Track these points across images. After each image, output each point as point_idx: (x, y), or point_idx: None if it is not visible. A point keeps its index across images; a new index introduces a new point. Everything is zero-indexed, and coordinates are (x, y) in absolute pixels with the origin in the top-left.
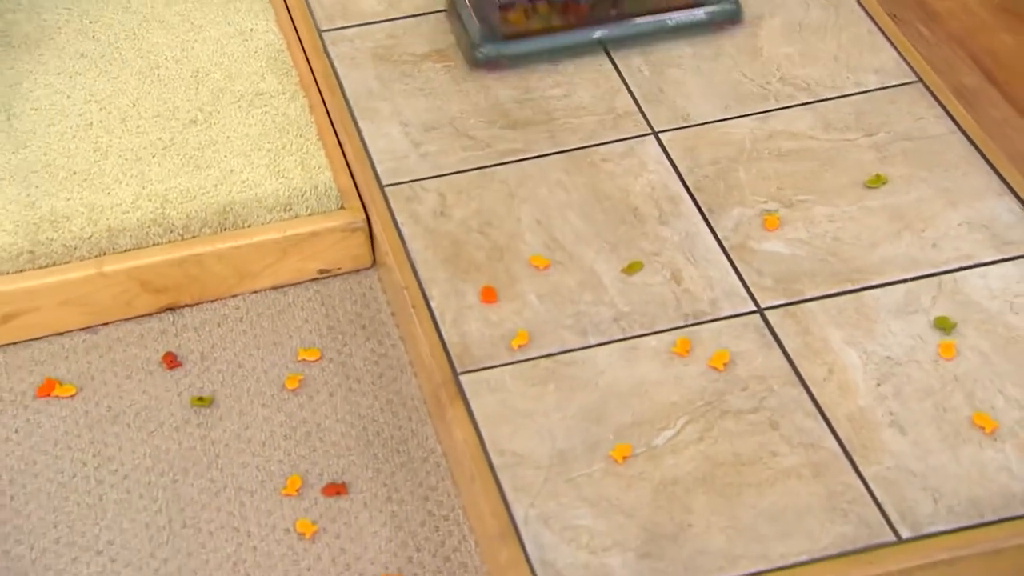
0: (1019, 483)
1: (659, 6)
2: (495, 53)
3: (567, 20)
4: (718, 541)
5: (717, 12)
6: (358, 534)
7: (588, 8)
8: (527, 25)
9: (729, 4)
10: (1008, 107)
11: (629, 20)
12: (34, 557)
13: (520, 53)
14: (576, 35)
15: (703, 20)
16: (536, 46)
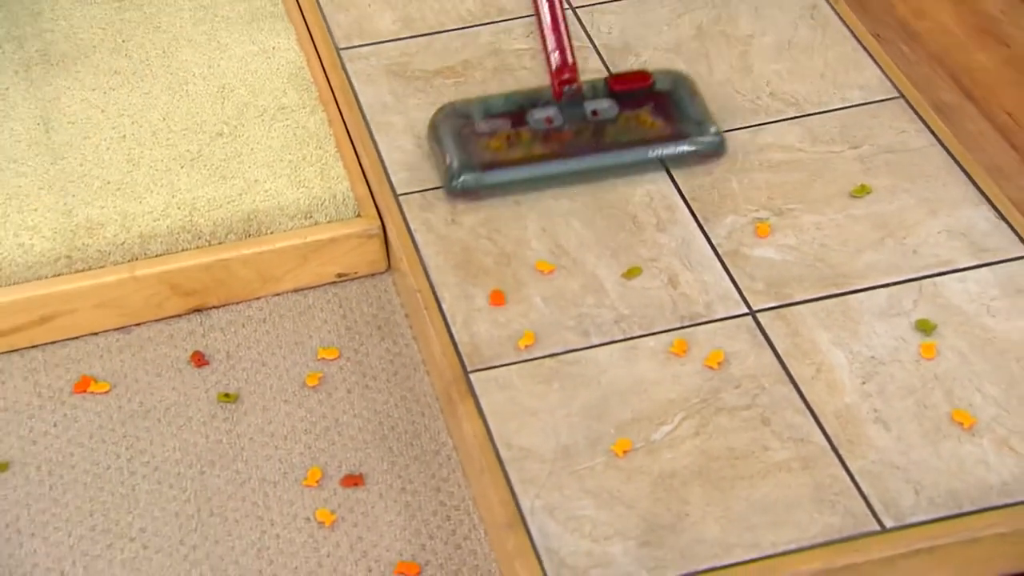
0: (995, 476)
1: (643, 136)
2: (473, 183)
3: (549, 148)
4: (713, 530)
5: (702, 146)
6: (374, 523)
7: (571, 135)
8: (508, 153)
9: (713, 137)
10: (984, 122)
11: (611, 152)
12: (72, 543)
13: (497, 183)
14: (555, 166)
15: (687, 153)
16: (513, 176)
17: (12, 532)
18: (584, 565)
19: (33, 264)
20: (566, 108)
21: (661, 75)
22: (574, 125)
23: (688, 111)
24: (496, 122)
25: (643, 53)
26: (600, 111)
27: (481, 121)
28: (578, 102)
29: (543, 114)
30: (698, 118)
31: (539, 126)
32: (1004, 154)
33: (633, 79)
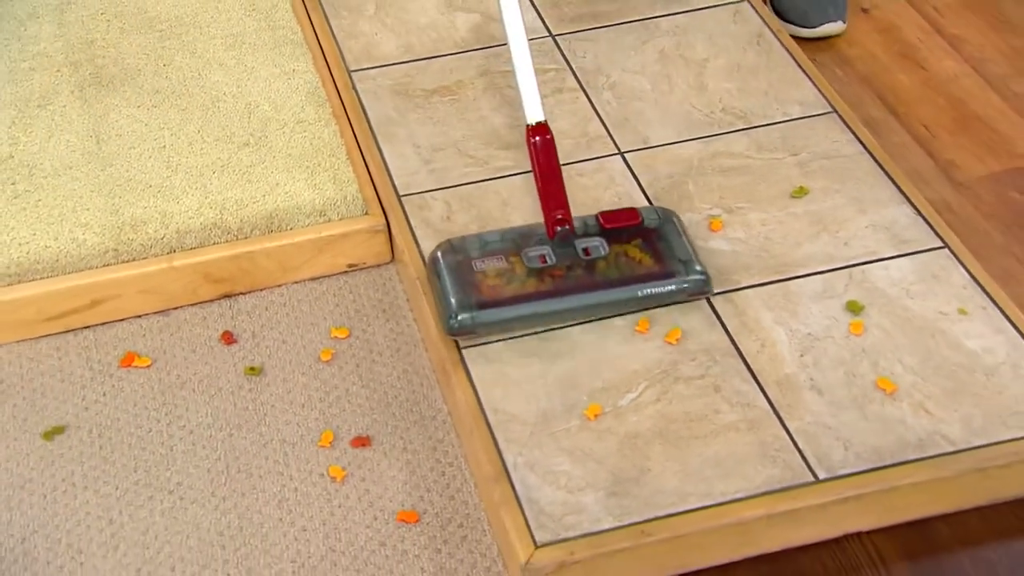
0: (912, 434)
1: (632, 275)
2: (470, 322)
3: (543, 286)
4: (671, 482)
5: (689, 285)
6: (379, 478)
7: (564, 273)
8: (504, 291)
9: (699, 276)
10: (905, 134)
11: (601, 290)
12: (118, 495)
13: (492, 322)
14: (548, 304)
15: (674, 291)
16: (508, 315)
17: (68, 486)
18: (560, 512)
19: (85, 256)
20: (559, 247)
21: (649, 212)
22: (566, 263)
23: (674, 249)
24: (491, 260)
25: (612, 74)
26: (591, 249)
27: (478, 259)
28: (570, 242)
29: (538, 252)
30: (684, 257)
31: (533, 263)
32: (922, 161)
33: (622, 217)
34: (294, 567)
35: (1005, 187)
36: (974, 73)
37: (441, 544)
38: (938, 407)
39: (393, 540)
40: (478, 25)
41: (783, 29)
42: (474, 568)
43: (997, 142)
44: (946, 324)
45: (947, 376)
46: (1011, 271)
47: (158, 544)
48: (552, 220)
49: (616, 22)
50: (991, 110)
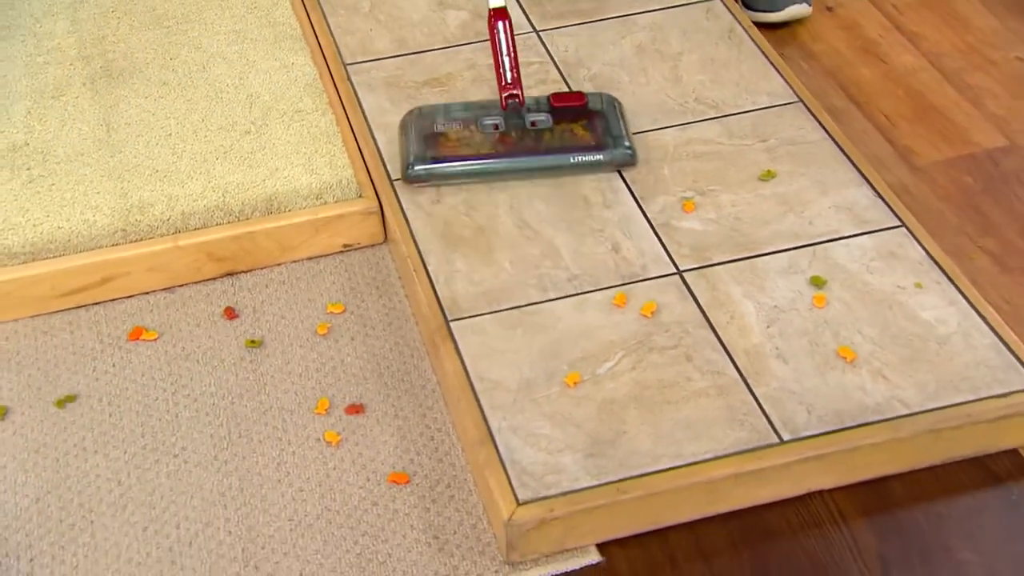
0: (871, 398)
1: (568, 144)
2: (424, 172)
3: (492, 148)
4: (645, 444)
5: (614, 157)
6: (372, 442)
7: (512, 140)
8: (458, 150)
9: (625, 151)
10: (867, 122)
11: (540, 155)
12: (127, 459)
13: (443, 174)
14: (494, 163)
15: (600, 161)
16: (455, 169)
17: (79, 450)
18: (541, 472)
19: (96, 236)
20: (510, 117)
21: (594, 96)
22: (515, 131)
23: (611, 128)
24: (452, 124)
25: (593, 67)
26: (537, 122)
27: (440, 123)
28: (519, 113)
29: (491, 121)
30: (617, 133)
31: (487, 130)
32: (882, 147)
33: (570, 98)
34: (291, 525)
35: (959, 172)
36: (931, 67)
37: (430, 503)
38: (895, 373)
39: (385, 500)
40: (466, 22)
41: (752, 26)
42: (460, 525)
43: (952, 130)
44: (903, 297)
45: (903, 345)
46: (963, 248)
47: (164, 504)
48: (506, 94)
49: (596, 19)
50: (946, 101)
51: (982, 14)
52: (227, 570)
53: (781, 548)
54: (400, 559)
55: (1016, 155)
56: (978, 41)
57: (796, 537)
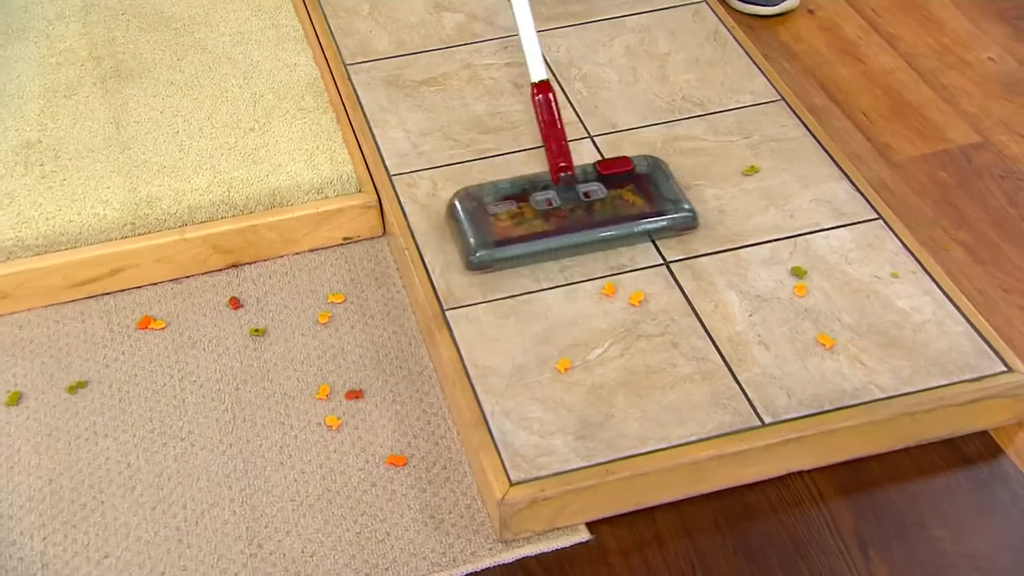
0: (848, 383)
1: (629, 214)
2: (488, 258)
3: (550, 225)
4: (633, 427)
5: (679, 221)
6: (371, 426)
7: (568, 214)
8: (514, 230)
9: (688, 213)
10: (846, 120)
11: (603, 227)
12: (136, 442)
13: (508, 257)
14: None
15: (664, 227)
16: (520, 251)
17: (90, 434)
18: (532, 454)
19: (106, 229)
20: (562, 191)
21: (639, 160)
22: (569, 205)
23: (663, 191)
24: (503, 205)
25: (584, 67)
26: (591, 192)
27: (491, 204)
28: (572, 186)
29: (544, 196)
30: (673, 197)
31: (540, 206)
32: (860, 144)
33: (617, 164)
34: (293, 505)
35: (934, 167)
36: (907, 67)
37: (426, 484)
38: (871, 359)
39: (383, 481)
40: (462, 24)
41: (736, 27)
42: (456, 505)
43: (927, 128)
44: (880, 286)
45: (880, 332)
46: (938, 240)
47: (171, 485)
48: (556, 167)
49: (587, 20)
50: (922, 99)
51: (956, 16)
52: (232, 548)
53: (762, 526)
54: (398, 538)
55: (989, 151)
56: (952, 42)
57: (777, 515)
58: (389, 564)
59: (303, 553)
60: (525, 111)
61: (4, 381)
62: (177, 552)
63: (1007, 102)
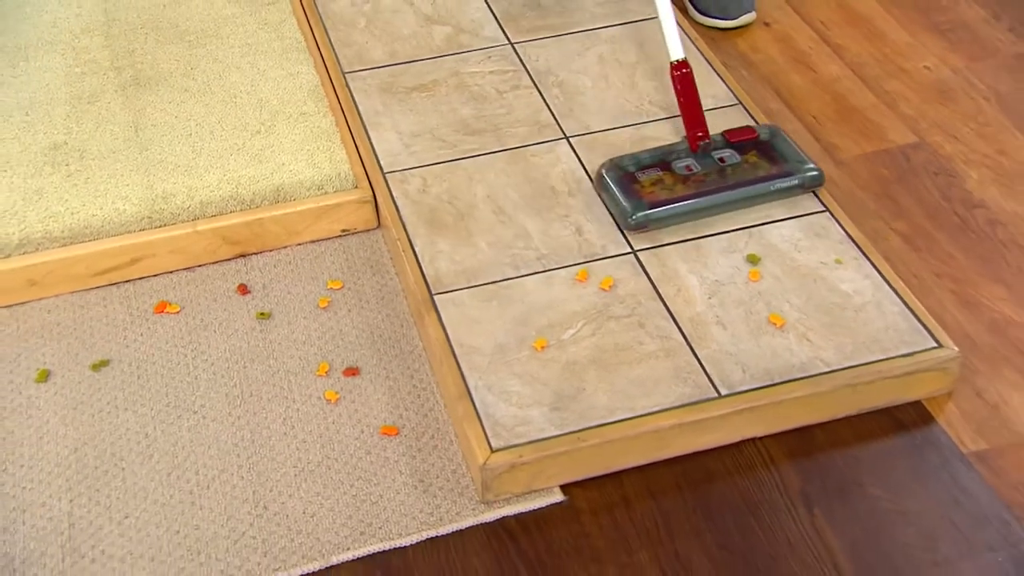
0: (796, 358)
1: (761, 175)
2: (644, 219)
3: (694, 188)
4: (602, 399)
5: (807, 179)
6: (366, 400)
7: (706, 178)
8: (658, 194)
9: (814, 172)
10: (797, 122)
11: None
12: (152, 415)
13: (662, 216)
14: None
15: (796, 185)
16: (673, 211)
17: (111, 408)
18: (512, 424)
19: (125, 222)
20: (701, 158)
21: (762, 128)
22: (708, 170)
23: (788, 154)
24: (648, 172)
25: (560, 74)
26: (725, 158)
27: (637, 172)
28: (708, 153)
29: (683, 163)
30: (799, 159)
31: (682, 172)
32: (810, 144)
33: (743, 133)
34: (296, 471)
35: (876, 165)
36: (853, 75)
37: (416, 452)
38: (817, 337)
39: (377, 449)
40: (450, 36)
41: (700, 39)
42: (443, 470)
43: (871, 129)
44: (825, 272)
45: (825, 312)
46: (879, 231)
47: (184, 454)
48: (694, 137)
49: (563, 32)
50: (866, 104)
51: (896, 30)
52: (240, 509)
53: (719, 488)
54: (390, 500)
55: (925, 150)
56: (893, 53)
57: (732, 478)
58: (382, 523)
59: (304, 514)
60: (507, 114)
61: (34, 360)
62: (190, 513)
63: (941, 106)
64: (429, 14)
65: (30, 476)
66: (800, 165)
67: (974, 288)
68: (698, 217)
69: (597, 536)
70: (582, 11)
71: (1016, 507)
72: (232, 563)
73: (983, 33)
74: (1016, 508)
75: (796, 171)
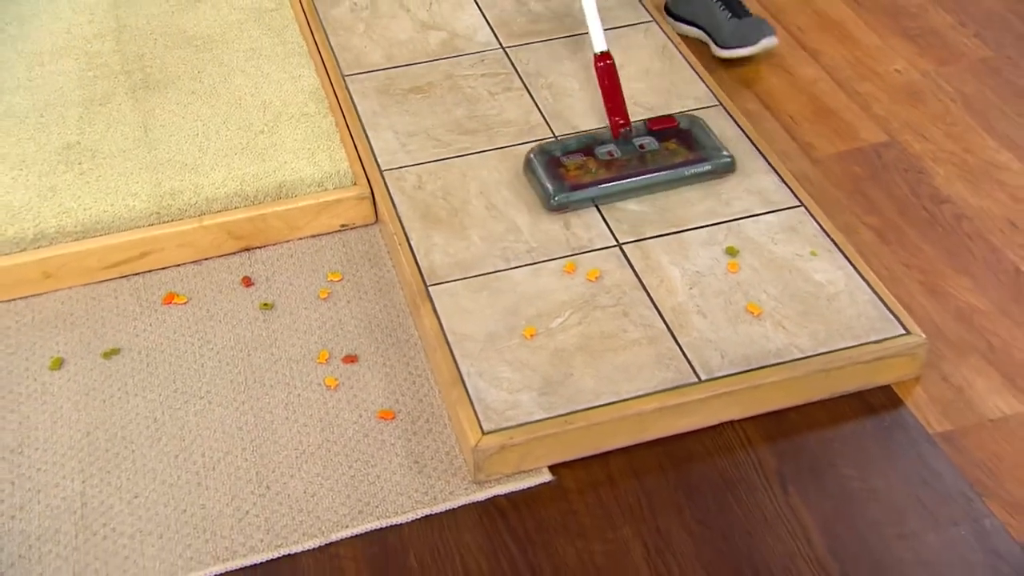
0: (772, 345)
1: (678, 161)
2: (565, 200)
3: (614, 172)
4: (589, 384)
5: (719, 165)
6: (364, 386)
7: (626, 162)
8: (584, 177)
9: (727, 158)
10: (774, 122)
11: (658, 172)
12: (161, 400)
13: (581, 199)
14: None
15: (708, 171)
16: (592, 194)
17: (122, 393)
18: (502, 408)
19: (135, 218)
20: (622, 144)
21: (682, 117)
22: (628, 155)
23: (705, 142)
24: (572, 157)
25: (550, 76)
26: (645, 145)
27: (562, 156)
28: (629, 140)
29: (606, 149)
30: (714, 146)
31: (604, 157)
32: (786, 143)
33: (664, 121)
34: (297, 453)
35: (849, 163)
36: (828, 77)
37: (411, 435)
38: (792, 325)
39: (374, 432)
40: (445, 40)
41: (682, 43)
42: (437, 452)
43: (844, 129)
44: (800, 263)
45: (800, 302)
46: (851, 225)
47: (191, 437)
48: (616, 124)
49: (552, 37)
50: (840, 105)
51: (868, 35)
52: (244, 489)
53: (699, 468)
54: (387, 480)
55: (895, 149)
56: (865, 56)
57: (711, 459)
58: (379, 502)
59: (305, 493)
60: (499, 115)
61: (48, 348)
62: (197, 493)
63: (911, 107)
64: (425, 20)
65: (45, 458)
66: (715, 152)
67: (941, 279)
68: (616, 200)
69: (583, 513)
70: (570, 17)
71: (978, 484)
72: (236, 540)
73: (950, 38)
74: (978, 485)
75: (710, 157)
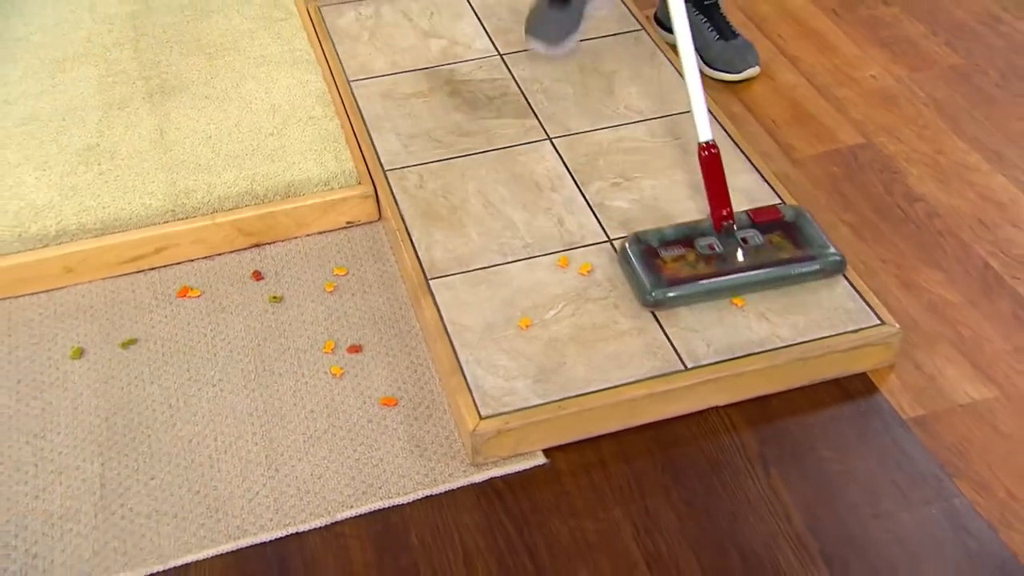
0: (755, 335)
1: (784, 258)
2: (662, 296)
3: (714, 268)
4: (581, 372)
5: (828, 265)
6: (368, 374)
7: (725, 257)
8: (679, 272)
9: (836, 257)
10: (757, 125)
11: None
12: (176, 387)
13: (680, 296)
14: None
15: (817, 271)
16: (692, 290)
17: (138, 381)
18: (499, 394)
19: (151, 215)
20: (724, 237)
21: (786, 208)
22: (730, 249)
23: (812, 238)
24: (670, 249)
25: (545, 81)
26: (748, 239)
27: (660, 248)
28: (732, 233)
29: (707, 242)
30: (822, 244)
31: (704, 251)
32: (768, 144)
33: (768, 213)
34: (304, 438)
35: (828, 164)
36: (807, 83)
37: (413, 420)
38: (774, 316)
39: (378, 418)
40: (445, 48)
41: (670, 50)
42: (437, 437)
43: (823, 132)
44: None
45: (781, 294)
46: (830, 222)
47: (204, 422)
48: (719, 217)
49: None
50: (819, 109)
51: (846, 43)
52: (254, 472)
53: (686, 451)
54: (389, 463)
55: (871, 151)
56: (843, 63)
57: (697, 443)
58: (382, 484)
59: (312, 476)
60: (496, 117)
61: (69, 339)
62: (210, 475)
63: (886, 111)
64: (426, 29)
65: (66, 442)
66: (823, 250)
67: (914, 273)
68: (717, 297)
69: (576, 495)
70: None
71: (949, 466)
72: (247, 519)
73: (923, 47)
74: (949, 467)
75: (818, 256)
